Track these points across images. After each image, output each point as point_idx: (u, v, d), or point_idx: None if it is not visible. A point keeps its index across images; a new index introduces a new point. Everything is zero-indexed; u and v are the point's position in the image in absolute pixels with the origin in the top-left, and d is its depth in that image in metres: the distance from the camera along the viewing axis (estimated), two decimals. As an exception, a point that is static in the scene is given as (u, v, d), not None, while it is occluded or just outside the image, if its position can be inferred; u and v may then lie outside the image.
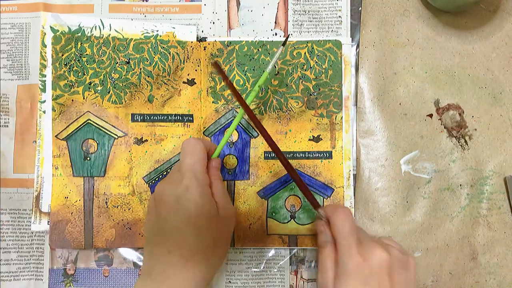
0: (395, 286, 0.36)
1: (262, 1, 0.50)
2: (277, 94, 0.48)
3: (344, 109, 0.48)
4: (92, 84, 0.47)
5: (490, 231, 0.47)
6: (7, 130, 0.49)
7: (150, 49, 0.48)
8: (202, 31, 0.50)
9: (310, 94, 0.48)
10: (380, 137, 0.49)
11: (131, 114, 0.48)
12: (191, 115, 0.48)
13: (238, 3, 0.50)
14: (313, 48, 0.48)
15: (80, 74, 0.47)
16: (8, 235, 0.48)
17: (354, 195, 0.48)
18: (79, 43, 0.48)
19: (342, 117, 0.48)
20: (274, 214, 0.47)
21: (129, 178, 0.47)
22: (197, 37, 0.49)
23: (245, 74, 0.48)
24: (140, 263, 0.48)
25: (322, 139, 0.48)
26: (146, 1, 0.50)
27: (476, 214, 0.48)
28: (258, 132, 0.43)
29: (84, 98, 0.47)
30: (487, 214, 0.48)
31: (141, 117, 0.48)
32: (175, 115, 0.48)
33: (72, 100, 0.47)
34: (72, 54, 0.47)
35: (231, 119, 0.48)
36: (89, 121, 0.47)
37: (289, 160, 0.47)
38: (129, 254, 0.48)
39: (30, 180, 0.48)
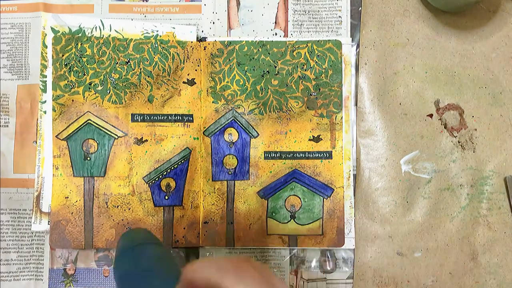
0: None
1: (262, 1, 0.50)
2: (277, 94, 0.48)
3: (344, 109, 0.48)
4: (92, 84, 0.47)
5: (490, 231, 0.47)
6: (7, 130, 0.49)
7: (150, 49, 0.48)
8: (202, 31, 0.50)
9: (310, 94, 0.48)
10: (380, 137, 0.49)
11: (131, 114, 0.48)
12: (191, 115, 0.48)
13: (238, 3, 0.50)
14: (313, 48, 0.48)
15: (80, 74, 0.47)
16: (8, 235, 0.48)
17: (354, 195, 0.48)
18: (79, 44, 0.48)
19: (342, 117, 0.48)
20: (274, 214, 0.47)
21: (129, 178, 0.47)
22: (197, 37, 0.49)
23: (245, 74, 0.48)
24: (140, 263, 0.48)
25: (322, 139, 0.48)
26: (146, 1, 0.50)
27: (476, 214, 0.48)
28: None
29: (84, 98, 0.47)
30: (487, 214, 0.48)
31: (141, 117, 0.48)
32: (175, 115, 0.48)
33: (73, 100, 0.47)
34: (73, 55, 0.47)
35: (231, 119, 0.48)
36: (89, 121, 0.47)
37: (289, 160, 0.48)
38: (129, 254, 0.48)
39: (30, 180, 0.48)
